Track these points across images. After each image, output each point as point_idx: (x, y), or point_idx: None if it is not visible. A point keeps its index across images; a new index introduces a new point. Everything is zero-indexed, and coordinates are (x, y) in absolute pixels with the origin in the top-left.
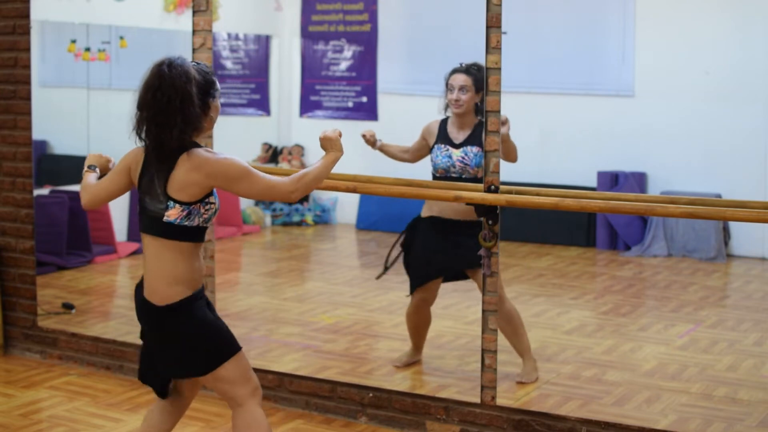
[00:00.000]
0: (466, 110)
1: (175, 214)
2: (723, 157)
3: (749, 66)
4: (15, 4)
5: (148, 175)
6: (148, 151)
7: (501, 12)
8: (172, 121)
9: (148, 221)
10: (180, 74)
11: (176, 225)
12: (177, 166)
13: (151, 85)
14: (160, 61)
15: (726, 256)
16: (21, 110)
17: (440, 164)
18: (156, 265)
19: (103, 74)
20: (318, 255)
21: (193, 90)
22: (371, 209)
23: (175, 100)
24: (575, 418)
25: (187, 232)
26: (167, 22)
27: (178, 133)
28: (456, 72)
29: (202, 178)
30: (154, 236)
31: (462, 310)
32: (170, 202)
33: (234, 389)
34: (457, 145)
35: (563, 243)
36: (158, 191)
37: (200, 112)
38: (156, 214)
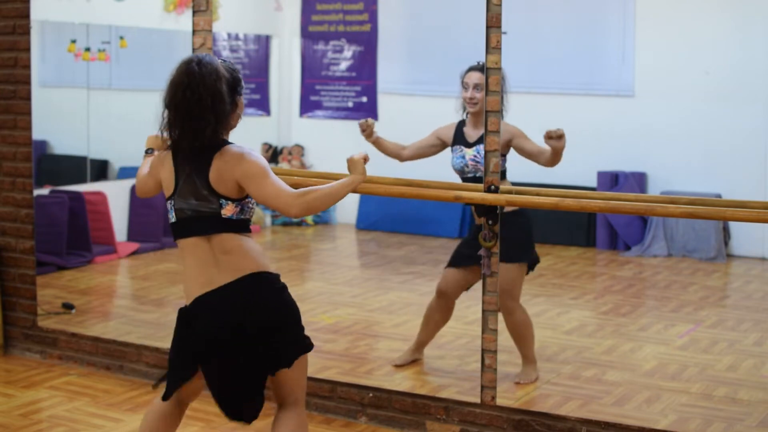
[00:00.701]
0: (480, 108)
1: (230, 211)
2: (723, 157)
3: (749, 66)
4: (15, 4)
5: (184, 178)
6: (179, 152)
7: (501, 12)
8: (205, 120)
9: (207, 222)
10: (210, 72)
11: (235, 220)
12: (213, 165)
13: (180, 83)
14: (189, 59)
15: (726, 256)
16: (21, 110)
17: (456, 166)
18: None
19: (103, 74)
20: (318, 255)
21: (223, 87)
22: (371, 209)
23: (206, 98)
24: (575, 418)
25: (243, 225)
26: (167, 22)
27: (211, 131)
28: (471, 70)
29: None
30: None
31: (462, 310)
32: (222, 200)
33: (299, 386)
34: (470, 144)
35: (563, 243)
36: (204, 192)
37: (230, 110)
38: (213, 212)
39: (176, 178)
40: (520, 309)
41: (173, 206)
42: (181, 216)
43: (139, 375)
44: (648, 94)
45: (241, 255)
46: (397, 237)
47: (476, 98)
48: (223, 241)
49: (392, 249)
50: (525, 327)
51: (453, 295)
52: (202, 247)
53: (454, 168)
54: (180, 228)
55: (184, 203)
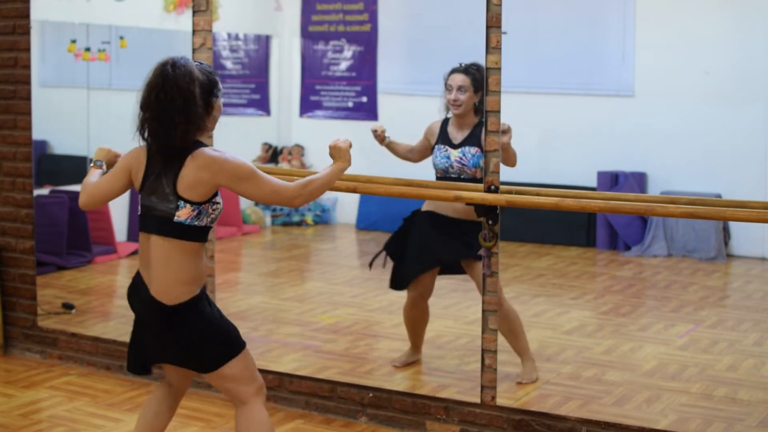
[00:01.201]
0: (464, 110)
1: (185, 214)
2: (723, 157)
3: (749, 66)
4: (15, 4)
5: (154, 175)
6: (152, 150)
7: (501, 12)
8: (176, 120)
9: (156, 221)
10: (183, 74)
11: (186, 225)
12: (185, 165)
13: (154, 85)
14: (164, 61)
15: (726, 256)
16: (21, 110)
17: (439, 165)
18: (164, 265)
19: (103, 74)
20: (318, 255)
21: (196, 90)
22: (371, 209)
23: (178, 100)
24: (575, 418)
25: (196, 232)
26: (167, 22)
27: (181, 132)
28: (454, 72)
29: (210, 176)
30: (162, 237)
31: (462, 310)
32: (180, 201)
33: (239, 387)
34: (455, 146)
35: (563, 243)
36: (167, 191)
37: (203, 112)
38: (165, 214)
39: (145, 175)
40: (505, 303)
41: (140, 201)
42: (143, 211)
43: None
44: (648, 94)
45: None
46: None
47: (460, 100)
48: (170, 251)
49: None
50: (512, 320)
51: (429, 295)
52: (157, 247)
53: (437, 166)
54: (141, 220)
55: (146, 199)
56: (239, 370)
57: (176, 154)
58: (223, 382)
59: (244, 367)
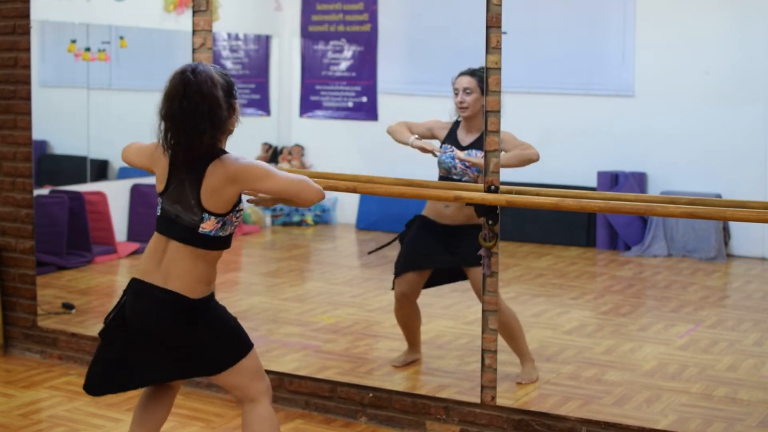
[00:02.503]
0: (471, 113)
1: (210, 226)
2: (723, 157)
3: (749, 66)
4: (15, 4)
5: (176, 183)
6: (175, 158)
7: (501, 12)
8: (202, 128)
9: (180, 230)
10: (205, 79)
11: (211, 236)
12: (207, 175)
13: (176, 94)
14: (182, 68)
15: (726, 256)
16: (21, 110)
17: (443, 164)
18: (186, 268)
19: (103, 74)
20: (318, 255)
21: (219, 94)
22: (371, 209)
23: (202, 106)
24: (575, 418)
25: (220, 241)
26: (167, 22)
27: (209, 139)
28: (461, 75)
29: (236, 188)
30: (186, 245)
31: (462, 310)
32: (205, 214)
33: (249, 385)
34: (462, 148)
35: (563, 243)
36: (192, 202)
37: (227, 115)
38: (190, 224)
39: (168, 179)
40: (503, 306)
41: (161, 204)
42: (164, 214)
43: None
44: (648, 94)
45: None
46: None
47: (466, 102)
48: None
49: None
50: (511, 324)
51: (416, 297)
52: (179, 251)
53: (441, 165)
54: (160, 222)
55: (170, 206)
56: (251, 367)
57: (198, 163)
58: (236, 380)
59: (255, 365)
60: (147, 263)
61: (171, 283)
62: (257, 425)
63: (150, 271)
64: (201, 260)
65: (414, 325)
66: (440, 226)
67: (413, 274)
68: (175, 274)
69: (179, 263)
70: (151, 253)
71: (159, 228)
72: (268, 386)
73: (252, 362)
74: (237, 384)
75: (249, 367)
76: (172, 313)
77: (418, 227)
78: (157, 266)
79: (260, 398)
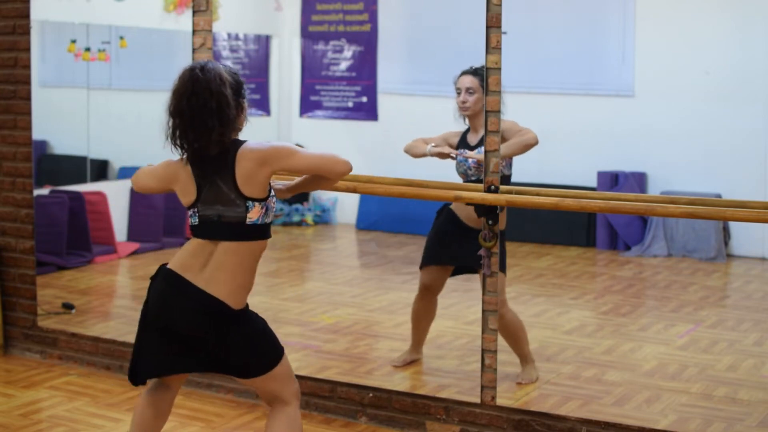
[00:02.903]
0: (473, 111)
1: (257, 213)
2: (723, 157)
3: (749, 66)
4: (15, 4)
5: (208, 186)
6: (194, 161)
7: (501, 12)
8: (210, 124)
9: (227, 228)
10: (214, 77)
11: (260, 224)
12: (237, 166)
13: (184, 91)
14: (191, 66)
15: (726, 256)
16: (21, 110)
17: (459, 169)
18: (233, 270)
19: (103, 74)
20: (318, 255)
21: (227, 91)
22: (371, 209)
23: (211, 103)
24: (575, 418)
25: (266, 229)
26: (167, 22)
27: (218, 136)
28: (463, 74)
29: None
30: (237, 242)
31: (462, 310)
32: (249, 202)
33: (283, 388)
34: (471, 148)
35: (563, 243)
36: (232, 196)
37: (236, 113)
38: (237, 218)
39: (198, 186)
40: (509, 312)
41: (198, 213)
42: (205, 219)
43: None
44: (648, 94)
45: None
46: (397, 237)
47: (468, 101)
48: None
49: (392, 249)
50: (516, 327)
51: (438, 291)
52: (228, 253)
53: (458, 170)
54: (201, 229)
55: (209, 209)
56: (283, 372)
57: (223, 158)
58: (269, 386)
59: (287, 370)
60: (187, 260)
61: (214, 288)
62: (284, 426)
63: (191, 268)
64: (248, 258)
65: (425, 322)
66: (464, 225)
67: (435, 268)
68: (220, 279)
69: (227, 266)
70: (193, 255)
71: (201, 234)
72: (298, 389)
73: (284, 368)
74: (270, 389)
75: (281, 372)
76: (208, 318)
77: (445, 220)
78: (200, 268)
79: (291, 401)
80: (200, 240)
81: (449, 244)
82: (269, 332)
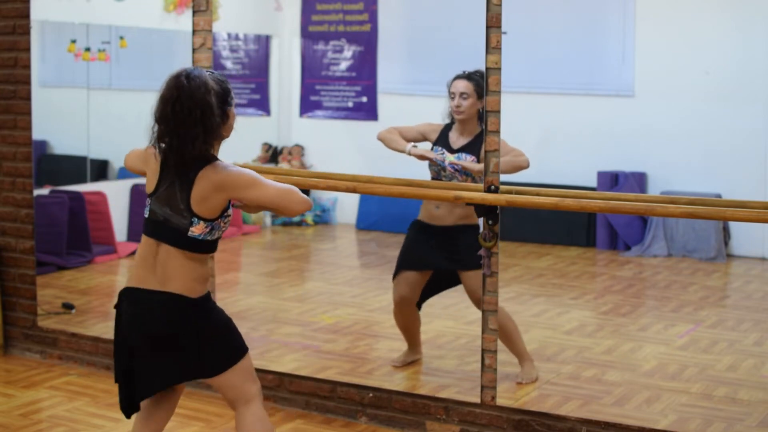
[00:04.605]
0: (467, 117)
1: (199, 230)
2: (723, 157)
3: (749, 66)
4: (15, 4)
5: (167, 185)
6: (167, 161)
7: (501, 12)
8: (194, 132)
9: (170, 233)
10: (199, 85)
11: (199, 240)
12: (197, 182)
13: (169, 98)
14: (177, 72)
15: (726, 256)
16: (21, 110)
17: (433, 168)
18: (180, 269)
19: (103, 74)
20: (318, 255)
21: (212, 100)
22: (371, 209)
23: (195, 112)
24: (575, 418)
25: (208, 245)
26: (167, 22)
27: (200, 144)
28: (457, 78)
29: (224, 195)
30: (177, 249)
31: (462, 310)
32: (194, 218)
33: (244, 387)
34: (453, 150)
35: (563, 243)
36: (181, 206)
37: (220, 122)
38: (179, 227)
39: (159, 181)
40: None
41: (149, 206)
42: (153, 217)
43: None
44: (648, 94)
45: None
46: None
47: (462, 106)
48: (182, 259)
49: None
50: (508, 326)
51: (413, 300)
52: (152, 248)
53: (432, 167)
54: (148, 225)
55: (159, 208)
56: (246, 369)
57: (190, 168)
58: (232, 382)
59: (250, 367)
60: (139, 270)
61: (169, 285)
62: (252, 426)
63: (144, 277)
64: (192, 261)
65: (414, 327)
66: (433, 227)
67: (410, 274)
68: (172, 276)
69: (174, 264)
70: (143, 260)
71: (147, 231)
72: (260, 388)
73: (247, 364)
74: (233, 385)
75: (245, 368)
76: (174, 313)
77: (413, 231)
78: (151, 271)
79: (254, 399)
80: (146, 237)
81: (418, 249)
82: (233, 327)
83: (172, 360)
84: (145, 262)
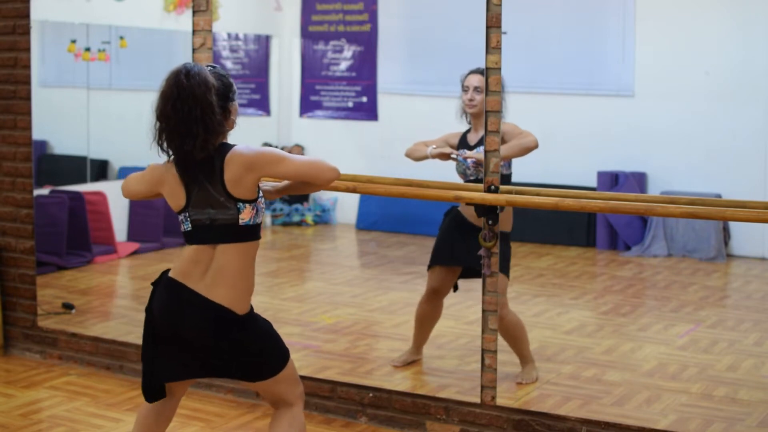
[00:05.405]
0: (479, 110)
1: (248, 214)
2: (723, 157)
3: (749, 66)
4: (15, 4)
5: (198, 189)
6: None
7: (501, 12)
8: (195, 130)
9: (221, 231)
10: (199, 83)
11: (251, 225)
12: (227, 167)
13: (170, 96)
14: (177, 69)
15: (726, 256)
16: (21, 110)
17: (459, 169)
18: (236, 275)
19: (103, 74)
20: (318, 255)
21: (212, 98)
22: (371, 209)
23: (195, 110)
24: (575, 418)
25: (258, 230)
26: (167, 22)
27: (202, 142)
28: (471, 73)
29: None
30: (231, 243)
31: (462, 310)
32: (240, 204)
33: (289, 390)
34: (470, 147)
35: (563, 243)
36: (221, 199)
37: (222, 118)
38: (229, 220)
39: (187, 190)
40: (510, 313)
41: (189, 217)
42: (198, 224)
43: (139, 375)
44: (648, 94)
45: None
46: (397, 237)
47: (475, 100)
48: (239, 259)
49: (392, 249)
50: (517, 328)
51: (445, 293)
52: (226, 256)
53: (457, 171)
54: (195, 234)
55: (200, 213)
56: (289, 375)
57: (211, 162)
58: (275, 388)
59: (294, 371)
60: (188, 267)
61: (215, 294)
62: (289, 427)
63: (191, 275)
64: (247, 260)
65: (429, 324)
66: (470, 225)
67: (442, 270)
68: (222, 286)
69: (228, 271)
70: (193, 262)
71: (197, 239)
72: (303, 391)
73: (290, 370)
74: (276, 391)
75: (288, 375)
76: (212, 324)
77: (450, 221)
78: (201, 275)
79: (297, 402)
80: (198, 247)
81: (456, 246)
82: (275, 335)
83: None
84: (196, 265)
